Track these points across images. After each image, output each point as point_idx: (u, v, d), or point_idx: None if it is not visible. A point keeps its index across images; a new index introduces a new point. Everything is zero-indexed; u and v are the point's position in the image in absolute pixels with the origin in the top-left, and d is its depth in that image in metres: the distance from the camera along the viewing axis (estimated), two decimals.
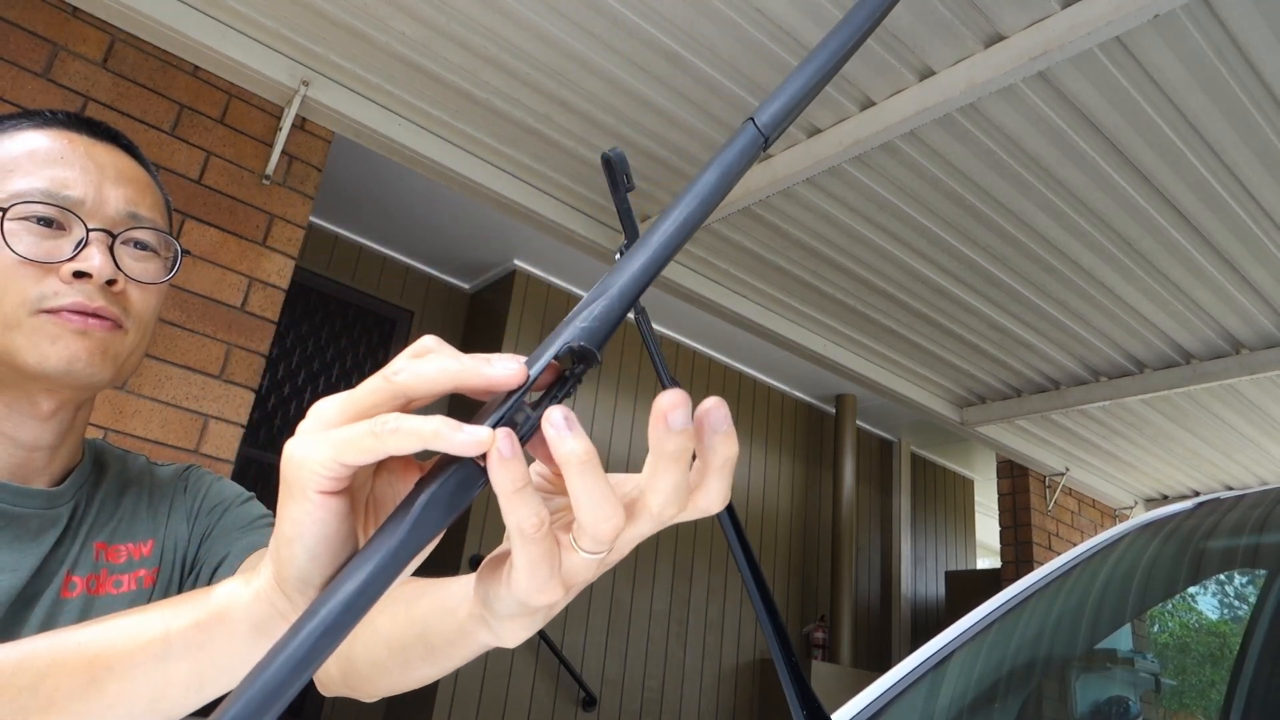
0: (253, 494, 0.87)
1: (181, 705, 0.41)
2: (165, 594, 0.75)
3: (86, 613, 0.71)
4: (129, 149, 0.78)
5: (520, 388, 0.35)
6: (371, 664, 0.55)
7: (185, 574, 0.79)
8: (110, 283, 0.70)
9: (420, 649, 0.50)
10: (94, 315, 0.69)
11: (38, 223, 0.69)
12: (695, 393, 5.34)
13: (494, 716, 4.04)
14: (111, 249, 0.71)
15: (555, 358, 0.36)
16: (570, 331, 0.36)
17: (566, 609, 4.39)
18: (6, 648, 0.40)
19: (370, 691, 0.58)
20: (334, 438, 0.35)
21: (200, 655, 0.40)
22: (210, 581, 0.77)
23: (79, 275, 0.68)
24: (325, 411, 0.36)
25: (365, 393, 0.36)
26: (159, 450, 2.26)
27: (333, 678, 0.59)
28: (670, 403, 0.34)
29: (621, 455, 4.87)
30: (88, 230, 0.70)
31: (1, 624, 0.66)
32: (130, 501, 0.78)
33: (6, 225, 0.68)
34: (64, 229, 0.70)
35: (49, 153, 0.72)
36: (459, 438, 0.34)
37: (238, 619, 0.40)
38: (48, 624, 0.68)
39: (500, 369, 0.35)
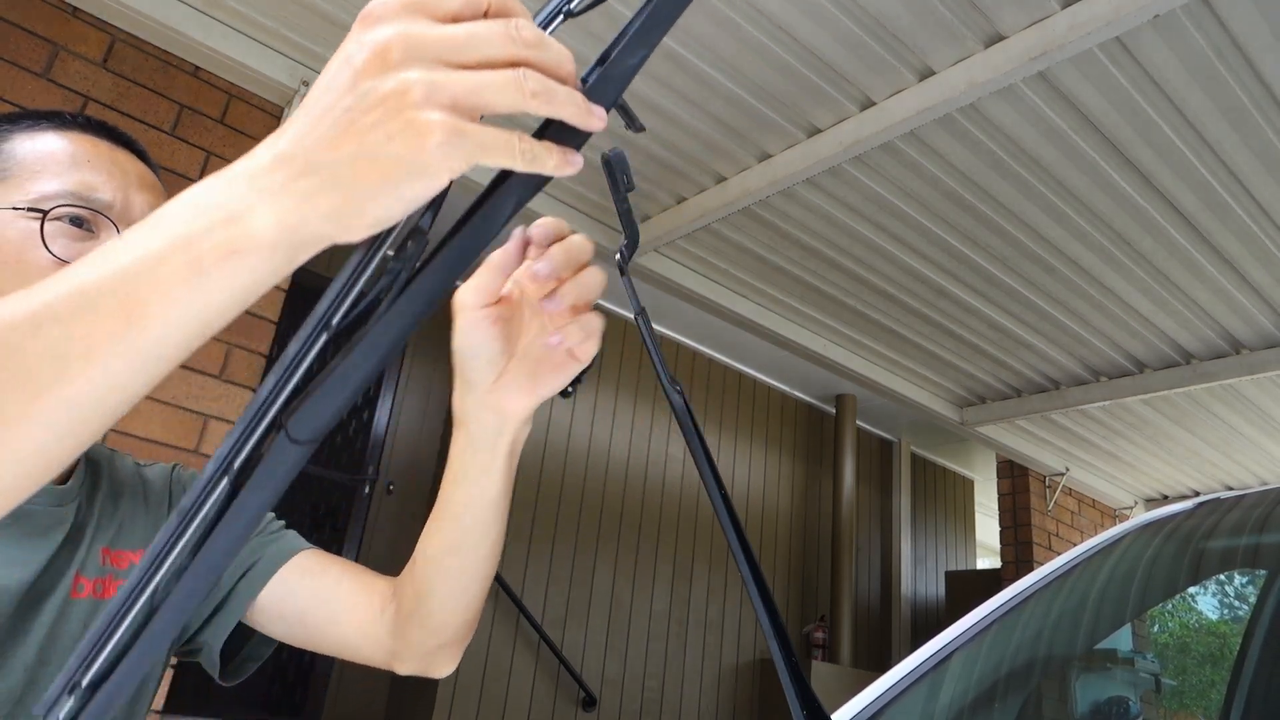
0: None
1: None
2: None
3: (93, 616, 0.71)
4: (143, 155, 0.80)
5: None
6: (431, 577, 0.69)
7: None
8: None
9: (466, 525, 0.66)
10: None
11: (70, 223, 0.71)
12: (696, 393, 5.34)
13: (494, 716, 4.04)
14: None
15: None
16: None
17: (567, 609, 4.40)
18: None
19: (442, 623, 0.71)
20: (478, 139, 0.36)
21: None
22: (234, 584, 0.78)
23: None
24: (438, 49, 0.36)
25: (482, 48, 0.37)
26: (159, 450, 2.26)
27: (407, 640, 0.73)
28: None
29: (621, 455, 4.87)
30: (120, 234, 0.71)
31: (12, 619, 0.67)
32: (127, 506, 0.79)
33: (47, 226, 0.69)
34: (93, 232, 0.72)
35: (75, 156, 0.73)
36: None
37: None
38: (58, 623, 0.69)
39: (597, 123, 0.40)
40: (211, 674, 0.82)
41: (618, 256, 0.61)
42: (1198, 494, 6.08)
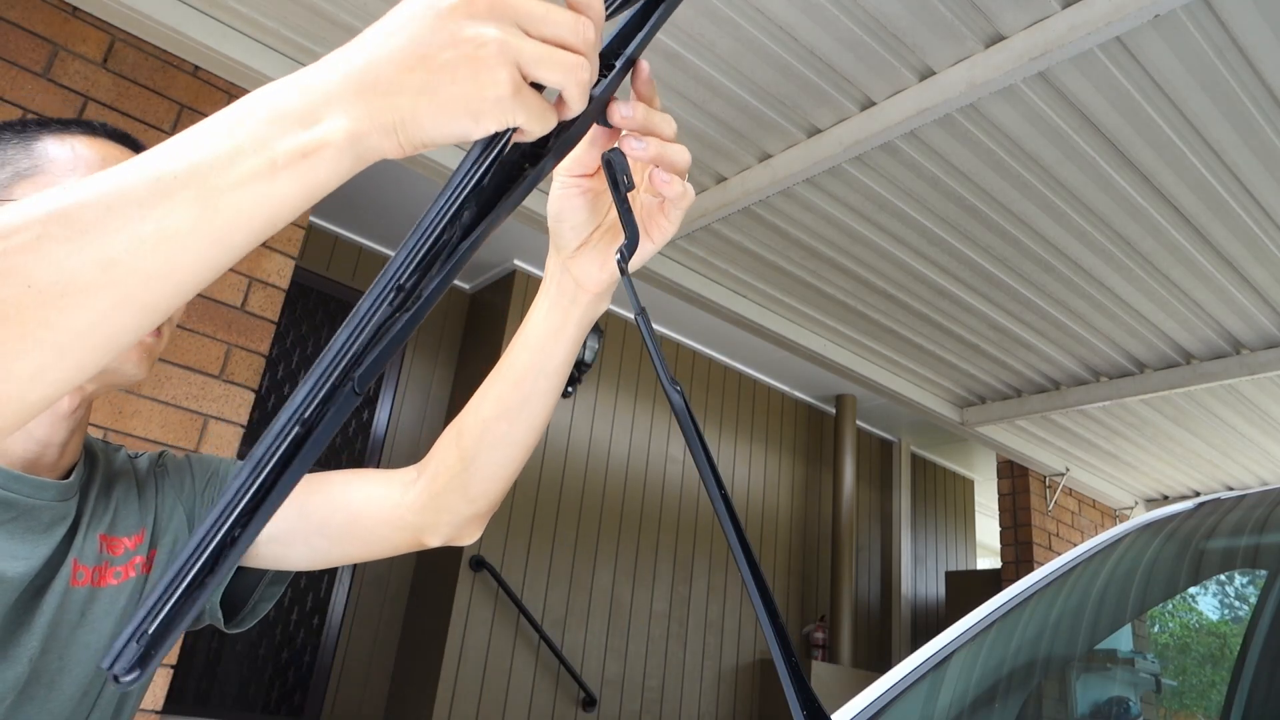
0: (234, 459, 0.90)
1: None
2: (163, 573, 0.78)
3: (90, 603, 0.73)
4: None
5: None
6: (480, 439, 0.73)
7: None
8: None
9: (530, 380, 0.70)
10: None
11: None
12: (695, 393, 5.34)
13: (494, 716, 4.04)
14: None
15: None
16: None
17: (567, 609, 4.40)
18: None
19: (481, 491, 0.75)
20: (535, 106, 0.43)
21: None
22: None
23: None
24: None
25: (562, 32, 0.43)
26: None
27: (452, 485, 0.76)
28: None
29: (622, 455, 4.87)
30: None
31: (15, 611, 0.68)
32: (120, 493, 0.80)
33: None
34: None
35: (105, 161, 0.75)
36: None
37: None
38: (60, 612, 0.70)
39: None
40: (218, 627, 0.84)
41: (618, 257, 0.61)
42: (1198, 494, 6.09)
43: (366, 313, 0.42)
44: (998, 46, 2.38)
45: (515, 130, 0.44)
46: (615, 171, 0.56)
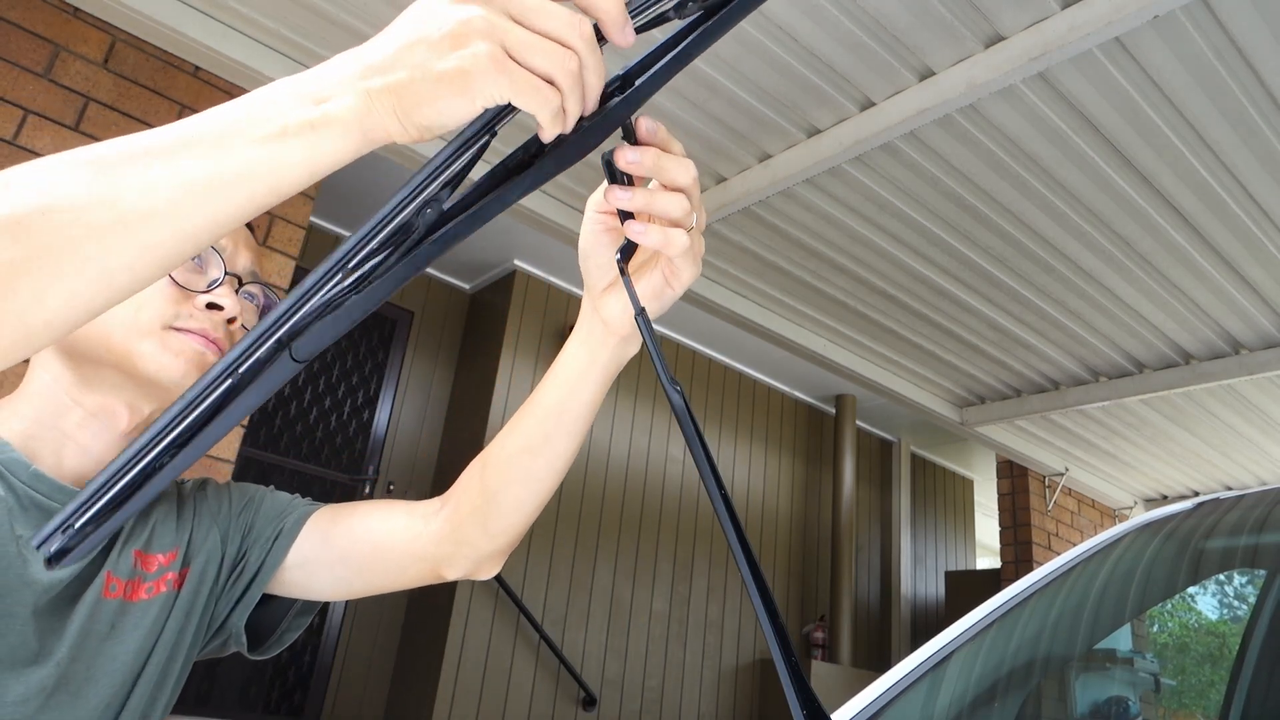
0: (271, 488, 0.92)
1: None
2: (195, 593, 0.78)
3: (121, 616, 0.73)
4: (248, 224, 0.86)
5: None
6: (504, 475, 0.73)
7: (232, 569, 0.82)
8: (230, 320, 0.80)
9: (555, 417, 0.71)
10: (213, 342, 0.78)
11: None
12: (696, 393, 5.34)
13: (494, 716, 4.04)
14: (236, 292, 0.82)
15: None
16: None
17: (567, 609, 4.40)
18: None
19: (503, 526, 0.76)
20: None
21: None
22: (261, 561, 0.82)
23: (211, 306, 0.79)
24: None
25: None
26: None
27: (472, 529, 0.76)
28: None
29: (622, 455, 4.87)
30: (225, 273, 0.80)
31: (45, 616, 0.68)
32: (160, 514, 0.81)
33: None
34: (203, 268, 0.79)
35: None
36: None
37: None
38: (90, 622, 0.70)
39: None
40: (241, 652, 0.84)
41: (618, 257, 0.61)
42: (1197, 494, 6.09)
43: (313, 286, 0.45)
44: (997, 47, 2.38)
45: (510, 111, 0.45)
46: (615, 171, 0.56)
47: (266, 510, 0.85)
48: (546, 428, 0.72)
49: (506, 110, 0.46)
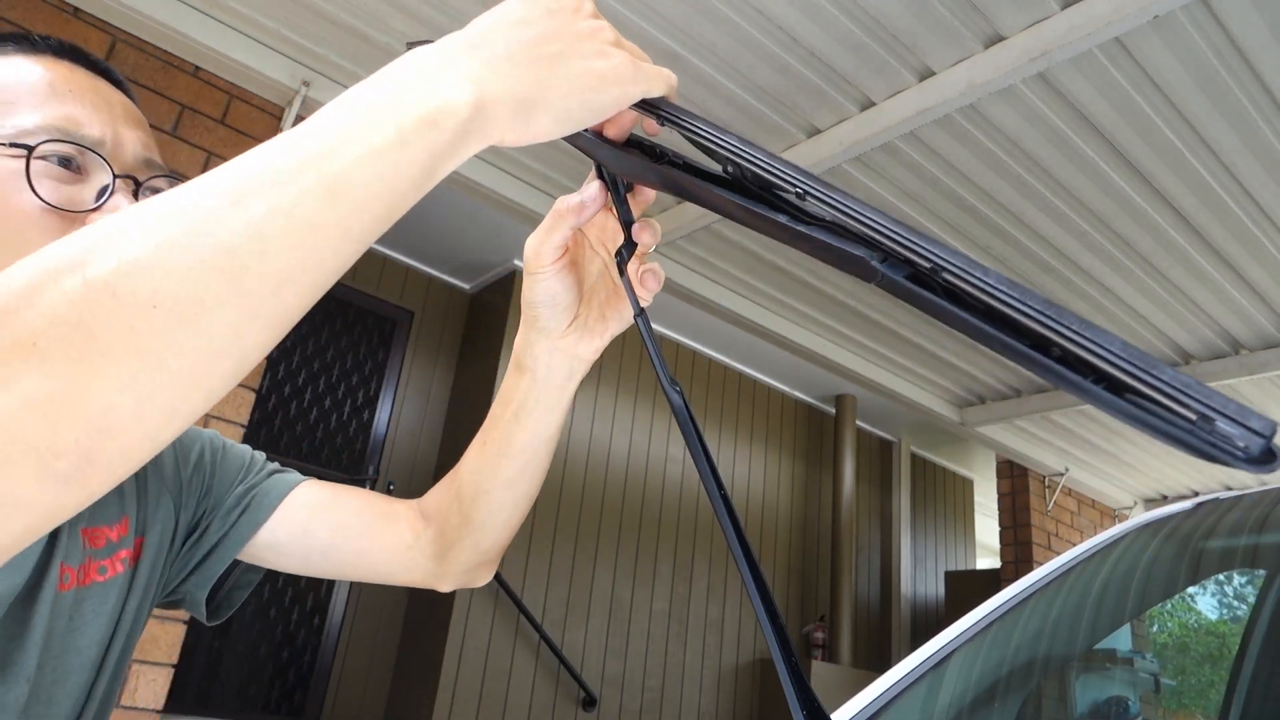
0: (215, 431, 0.83)
1: None
2: (151, 568, 0.72)
3: (78, 605, 0.66)
4: (121, 85, 0.71)
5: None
6: (484, 507, 0.72)
7: (187, 537, 0.76)
8: None
9: (520, 448, 0.69)
10: None
11: (57, 163, 0.62)
12: (695, 393, 5.34)
13: (494, 716, 4.04)
14: (135, 196, 0.66)
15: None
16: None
17: (567, 609, 4.40)
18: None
19: (491, 544, 0.75)
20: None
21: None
22: (224, 534, 0.76)
23: None
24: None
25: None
26: None
27: (460, 552, 0.75)
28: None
29: (621, 455, 4.87)
30: (115, 176, 0.64)
31: (9, 624, 0.61)
32: None
33: (33, 165, 0.61)
34: (82, 173, 0.63)
35: (52, 85, 0.64)
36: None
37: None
38: (52, 621, 0.64)
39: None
40: (198, 617, 0.79)
41: (617, 258, 0.61)
42: (1197, 494, 6.08)
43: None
44: (997, 47, 2.38)
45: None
46: (613, 172, 0.56)
47: (224, 471, 0.78)
48: (522, 461, 0.70)
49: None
